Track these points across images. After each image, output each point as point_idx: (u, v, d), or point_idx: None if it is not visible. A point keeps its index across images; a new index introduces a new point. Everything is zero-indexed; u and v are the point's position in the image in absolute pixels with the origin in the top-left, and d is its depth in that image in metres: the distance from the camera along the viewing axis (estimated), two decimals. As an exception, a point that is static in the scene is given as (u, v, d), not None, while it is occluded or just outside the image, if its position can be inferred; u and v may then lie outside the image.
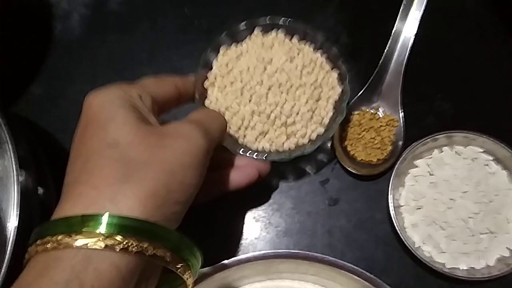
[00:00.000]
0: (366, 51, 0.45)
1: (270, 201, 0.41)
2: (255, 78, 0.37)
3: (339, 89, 0.37)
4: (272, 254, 0.33)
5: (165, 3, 0.48)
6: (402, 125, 0.41)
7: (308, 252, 0.33)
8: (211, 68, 0.39)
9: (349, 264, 0.32)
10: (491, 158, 0.38)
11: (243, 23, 0.38)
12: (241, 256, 0.33)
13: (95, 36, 0.48)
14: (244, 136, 0.38)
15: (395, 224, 0.36)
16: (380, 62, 0.42)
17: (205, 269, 0.32)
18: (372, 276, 0.32)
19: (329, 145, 0.41)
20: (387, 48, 0.42)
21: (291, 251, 0.33)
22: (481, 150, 0.38)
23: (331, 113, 0.37)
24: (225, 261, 0.32)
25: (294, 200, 0.40)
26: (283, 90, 0.36)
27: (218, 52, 0.39)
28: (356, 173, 0.39)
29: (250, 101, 0.37)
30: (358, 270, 0.32)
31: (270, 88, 0.37)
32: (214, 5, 0.48)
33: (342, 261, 0.33)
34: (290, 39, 0.39)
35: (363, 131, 0.41)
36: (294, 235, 0.39)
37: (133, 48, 0.47)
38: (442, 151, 0.39)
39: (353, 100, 0.42)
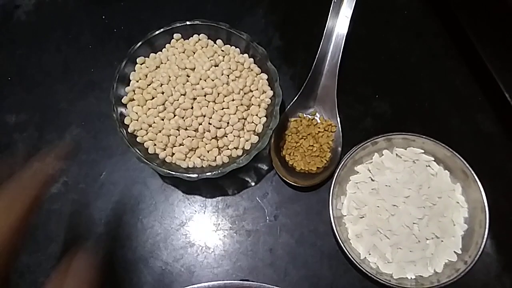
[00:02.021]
0: (299, 53, 0.42)
1: (207, 221, 0.37)
2: (177, 89, 0.33)
3: (270, 92, 0.34)
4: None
5: (79, 10, 0.44)
6: (340, 130, 0.38)
7: (243, 283, 0.30)
8: (128, 83, 0.35)
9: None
10: (432, 158, 0.37)
11: (160, 29, 0.35)
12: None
13: (2, 50, 0.43)
14: (172, 154, 0.34)
15: (337, 236, 0.34)
16: (314, 64, 0.40)
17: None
18: None
19: (267, 153, 0.38)
20: (319, 49, 0.40)
21: (224, 282, 0.29)
22: (422, 151, 0.37)
23: (264, 119, 0.34)
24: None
25: (232, 218, 0.37)
26: (209, 100, 0.33)
27: (135, 63, 0.35)
28: (297, 185, 0.37)
29: (174, 115, 0.34)
30: None
31: (195, 98, 0.33)
32: (135, 11, 0.44)
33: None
34: (214, 43, 0.36)
35: (300, 138, 0.38)
36: (234, 258, 0.36)
37: (46, 62, 0.42)
38: (382, 155, 0.37)
39: (288, 106, 0.39)
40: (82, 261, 0.26)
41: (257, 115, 0.34)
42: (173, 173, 0.32)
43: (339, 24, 0.40)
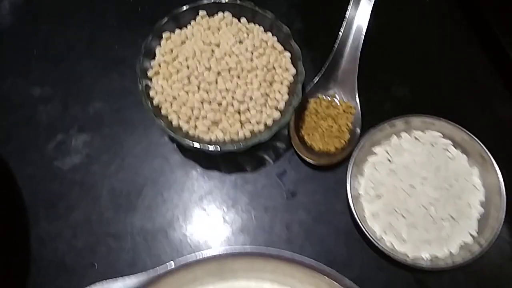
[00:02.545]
0: (321, 37, 0.43)
1: (225, 196, 0.38)
2: (202, 64, 0.34)
3: (293, 70, 0.35)
4: (223, 253, 0.30)
5: (105, -11, 0.45)
6: (359, 112, 0.39)
7: (262, 248, 0.30)
8: (154, 57, 0.36)
9: (308, 259, 0.30)
10: (450, 142, 0.37)
11: (185, 6, 0.36)
12: (189, 257, 0.29)
13: (28, 25, 0.44)
14: (195, 127, 0.35)
15: (355, 215, 0.34)
16: (335, 48, 0.40)
17: (148, 273, 0.29)
18: (332, 270, 0.30)
19: (286, 132, 0.39)
20: (341, 33, 0.40)
21: (245, 247, 0.30)
22: (440, 135, 0.37)
23: (286, 96, 0.35)
24: (171, 263, 0.29)
25: (250, 194, 0.38)
26: (233, 75, 0.34)
27: (161, 38, 0.36)
28: (314, 163, 0.37)
29: (199, 88, 0.34)
30: (317, 264, 0.30)
31: (220, 73, 0.34)
32: (160, -9, 0.44)
33: (300, 256, 0.30)
34: (238, 21, 0.36)
35: (320, 119, 0.39)
36: (251, 232, 0.37)
37: (70, 38, 0.43)
38: (400, 137, 0.38)
39: (309, 88, 0.40)
40: None
41: (279, 91, 0.35)
42: (196, 144, 0.33)
43: (361, 10, 0.40)
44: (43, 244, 0.36)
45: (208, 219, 0.37)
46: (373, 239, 0.34)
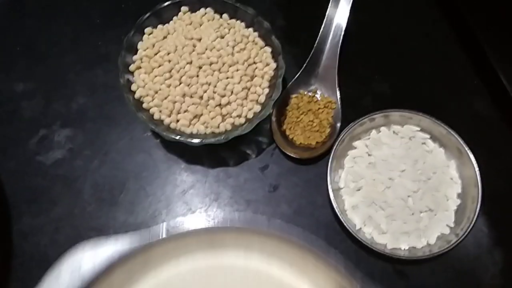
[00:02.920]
0: (302, 34, 0.43)
1: (207, 191, 0.38)
2: (184, 58, 0.35)
3: (273, 65, 0.36)
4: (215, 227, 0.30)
5: (89, -14, 0.45)
6: (339, 107, 0.40)
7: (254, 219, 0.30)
8: (136, 52, 0.36)
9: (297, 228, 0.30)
10: (428, 136, 0.38)
11: (168, 2, 0.36)
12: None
13: (12, 21, 0.44)
14: (177, 120, 0.35)
15: (335, 207, 0.35)
16: (315, 44, 0.41)
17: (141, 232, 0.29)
18: (314, 237, 0.30)
19: (268, 127, 0.39)
20: (321, 30, 0.41)
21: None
22: (418, 129, 0.38)
23: (267, 90, 0.35)
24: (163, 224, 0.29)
25: (232, 188, 0.38)
26: (215, 69, 0.35)
27: (143, 33, 0.36)
28: (296, 157, 0.38)
29: (180, 82, 0.35)
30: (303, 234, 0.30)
31: (201, 67, 0.35)
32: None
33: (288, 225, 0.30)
34: (220, 17, 0.37)
35: (301, 114, 0.40)
36: (233, 225, 0.37)
37: (55, 34, 0.43)
38: (379, 131, 0.38)
39: (290, 83, 0.40)
40: None
41: (260, 86, 0.35)
42: (177, 138, 0.33)
43: (341, 7, 0.41)
44: (25, 238, 0.36)
45: (190, 213, 0.37)
46: (353, 231, 0.34)
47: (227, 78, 0.34)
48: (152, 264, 0.31)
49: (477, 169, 0.35)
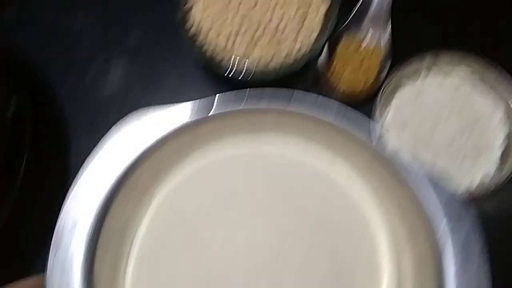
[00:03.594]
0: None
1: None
2: (241, -8, 0.35)
3: (328, 2, 0.36)
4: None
5: None
6: (389, 49, 0.40)
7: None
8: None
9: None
10: (478, 79, 0.38)
11: None
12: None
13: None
14: (231, 55, 0.36)
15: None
16: (368, -14, 0.41)
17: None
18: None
19: (315, 69, 0.40)
20: (374, -28, 0.41)
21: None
22: (469, 71, 0.38)
23: (319, 28, 0.36)
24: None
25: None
26: (271, 5, 0.35)
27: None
28: (342, 101, 0.38)
29: (235, 18, 0.36)
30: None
31: (257, 3, 0.35)
32: None
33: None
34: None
35: (349, 58, 0.40)
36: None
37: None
38: (429, 74, 0.38)
39: (340, 28, 0.40)
40: None
41: (313, 23, 0.36)
42: (230, 73, 0.34)
43: None
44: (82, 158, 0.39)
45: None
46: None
47: (282, 13, 0.35)
48: (197, 145, 0.34)
49: (526, 113, 0.35)
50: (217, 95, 0.33)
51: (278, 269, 0.32)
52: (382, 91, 0.37)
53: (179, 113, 0.33)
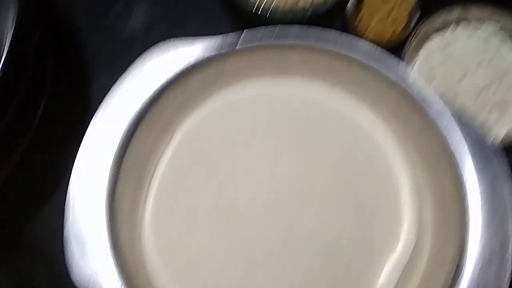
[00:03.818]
0: None
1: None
2: None
3: None
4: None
5: None
6: (418, 2, 0.39)
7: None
8: None
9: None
10: (508, 34, 0.37)
11: None
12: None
13: None
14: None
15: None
16: None
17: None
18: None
19: (343, 14, 0.39)
20: None
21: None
22: (498, 26, 0.37)
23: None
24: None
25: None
26: None
27: None
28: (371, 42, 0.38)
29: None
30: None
31: None
32: None
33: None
34: None
35: (377, 7, 0.39)
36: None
37: None
38: (458, 26, 0.38)
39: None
40: None
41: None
42: (258, 6, 0.34)
43: None
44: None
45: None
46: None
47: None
48: (222, 82, 0.34)
49: (555, 69, 0.35)
50: (245, 30, 0.32)
51: (298, 206, 0.32)
52: (410, 41, 0.36)
53: (205, 47, 0.32)
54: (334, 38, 0.32)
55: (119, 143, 0.30)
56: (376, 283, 0.31)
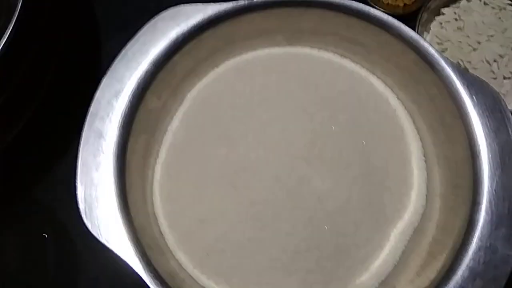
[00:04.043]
0: None
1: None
2: None
3: None
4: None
5: None
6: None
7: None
8: None
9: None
10: (521, 5, 0.37)
11: None
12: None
13: None
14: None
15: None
16: None
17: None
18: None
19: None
20: None
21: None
22: (510, 2, 0.37)
23: None
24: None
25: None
26: None
27: None
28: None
29: None
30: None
31: None
32: None
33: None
34: None
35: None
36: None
37: None
38: (470, 1, 0.38)
39: None
40: None
41: None
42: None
43: None
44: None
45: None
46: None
47: None
48: (235, 46, 0.34)
49: None
50: None
51: (308, 168, 0.31)
52: (422, 12, 0.36)
53: (217, 12, 0.32)
54: (346, 5, 0.32)
55: (129, 101, 0.30)
56: (384, 247, 0.31)
